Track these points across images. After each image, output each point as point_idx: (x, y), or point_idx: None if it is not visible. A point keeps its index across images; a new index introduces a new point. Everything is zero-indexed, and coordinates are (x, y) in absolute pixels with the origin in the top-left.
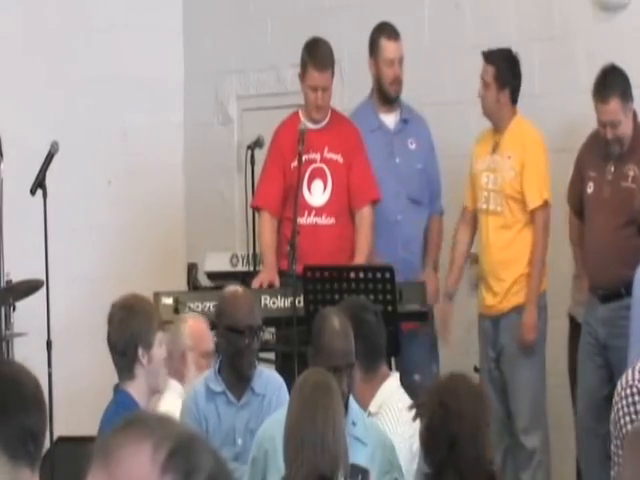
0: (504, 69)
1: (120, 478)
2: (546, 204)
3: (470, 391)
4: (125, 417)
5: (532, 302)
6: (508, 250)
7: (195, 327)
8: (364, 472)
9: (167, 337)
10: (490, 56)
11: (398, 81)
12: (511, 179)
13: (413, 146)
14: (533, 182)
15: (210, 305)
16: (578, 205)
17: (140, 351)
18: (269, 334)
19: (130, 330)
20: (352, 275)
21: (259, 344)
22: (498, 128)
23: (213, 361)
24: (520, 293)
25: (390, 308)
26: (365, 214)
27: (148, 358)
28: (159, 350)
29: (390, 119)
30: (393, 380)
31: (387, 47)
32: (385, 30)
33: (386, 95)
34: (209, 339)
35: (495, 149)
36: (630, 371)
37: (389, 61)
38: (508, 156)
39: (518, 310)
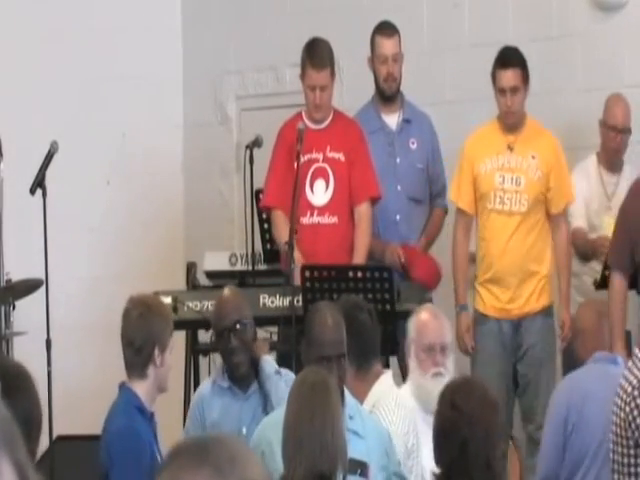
0: (526, 67)
1: None
2: (567, 206)
3: (482, 396)
4: (199, 442)
5: (568, 302)
6: (533, 252)
7: (419, 320)
8: (363, 466)
9: None
10: (512, 59)
11: (392, 78)
12: (538, 179)
13: (414, 146)
14: (562, 185)
15: (209, 304)
16: (630, 266)
17: (156, 351)
18: (266, 333)
19: (149, 328)
20: (350, 274)
21: (242, 341)
22: (514, 128)
23: (439, 356)
24: (545, 295)
25: (388, 307)
26: (363, 211)
27: (161, 360)
28: (169, 356)
29: (392, 119)
30: (387, 378)
31: (381, 44)
32: (381, 27)
33: (382, 92)
34: (432, 334)
35: (511, 148)
36: (635, 370)
37: (383, 57)
38: (532, 156)
39: (547, 312)
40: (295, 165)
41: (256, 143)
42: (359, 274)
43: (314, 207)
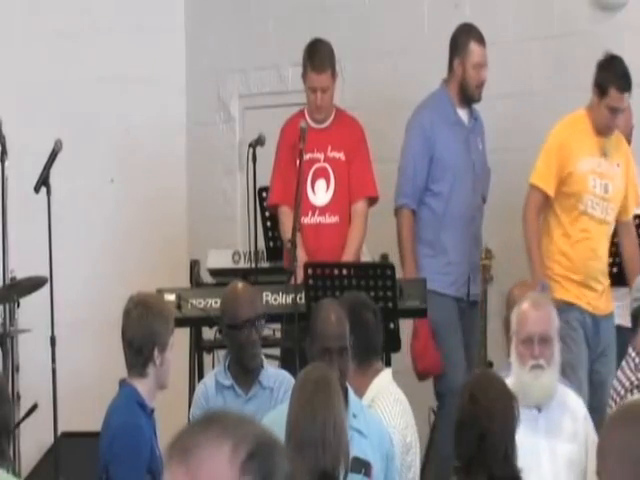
0: None
1: (200, 477)
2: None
3: (501, 389)
4: (205, 414)
5: None
6: (609, 258)
7: (519, 310)
8: (366, 465)
9: None
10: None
11: (483, 85)
12: (622, 189)
13: (480, 144)
14: (634, 191)
15: (212, 302)
16: None
17: (156, 352)
18: (269, 330)
19: (149, 329)
20: (353, 272)
21: (259, 335)
22: (606, 134)
23: (537, 348)
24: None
25: (390, 305)
26: (359, 209)
27: (161, 360)
28: (170, 353)
29: (465, 115)
30: (386, 375)
31: (478, 51)
32: (475, 34)
33: (470, 97)
34: (530, 325)
35: (605, 154)
36: (628, 372)
37: (479, 65)
38: (617, 164)
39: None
40: (297, 163)
41: (259, 141)
42: (361, 272)
43: (315, 207)
